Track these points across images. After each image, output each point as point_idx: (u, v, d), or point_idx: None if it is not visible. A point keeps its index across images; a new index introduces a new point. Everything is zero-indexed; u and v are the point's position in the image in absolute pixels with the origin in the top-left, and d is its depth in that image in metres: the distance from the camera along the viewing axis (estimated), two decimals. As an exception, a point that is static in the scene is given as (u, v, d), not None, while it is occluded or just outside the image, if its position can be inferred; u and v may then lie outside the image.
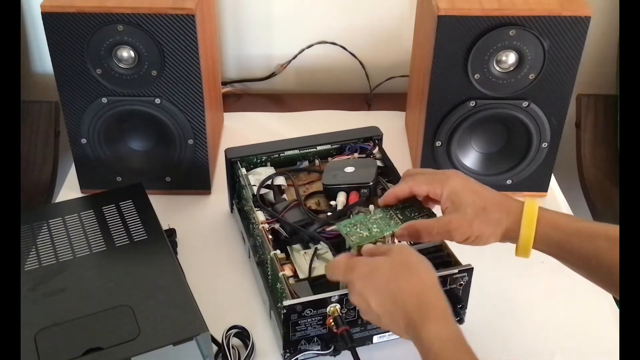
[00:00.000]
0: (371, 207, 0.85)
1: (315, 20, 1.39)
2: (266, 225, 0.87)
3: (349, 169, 0.93)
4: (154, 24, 0.95)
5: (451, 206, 0.75)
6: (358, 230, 0.79)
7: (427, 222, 0.76)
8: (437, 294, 0.66)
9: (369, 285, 0.68)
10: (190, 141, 1.05)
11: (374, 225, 0.80)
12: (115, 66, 0.98)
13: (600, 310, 0.91)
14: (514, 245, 0.76)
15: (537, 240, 0.72)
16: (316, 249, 0.85)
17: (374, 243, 0.77)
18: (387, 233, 0.78)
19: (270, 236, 0.86)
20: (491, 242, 0.75)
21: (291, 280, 0.81)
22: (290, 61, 1.42)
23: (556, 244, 0.72)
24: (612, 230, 0.70)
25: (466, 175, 0.78)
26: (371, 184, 0.90)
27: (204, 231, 1.04)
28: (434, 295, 0.66)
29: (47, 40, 0.97)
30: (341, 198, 0.90)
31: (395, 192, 0.81)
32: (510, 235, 0.74)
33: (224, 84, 1.42)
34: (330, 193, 0.92)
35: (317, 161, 1.01)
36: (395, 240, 0.80)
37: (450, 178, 0.76)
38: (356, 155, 1.00)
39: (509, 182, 1.09)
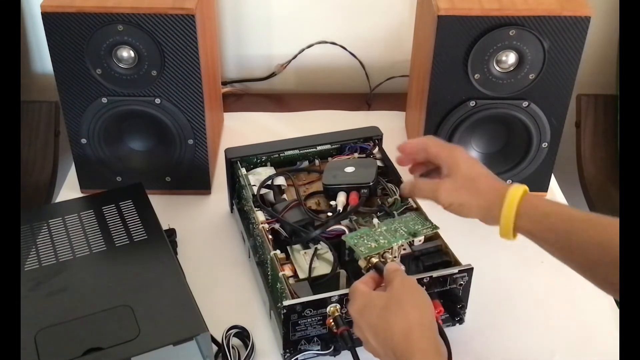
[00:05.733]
0: (375, 220, 0.85)
1: (315, 20, 1.39)
2: (266, 225, 0.87)
3: (349, 169, 0.93)
4: (154, 24, 0.95)
5: (448, 172, 0.80)
6: (365, 241, 0.80)
7: (423, 181, 0.83)
8: (423, 333, 0.66)
9: (363, 320, 0.70)
10: (190, 141, 1.05)
11: (380, 237, 0.81)
12: (115, 66, 0.98)
13: (600, 310, 0.91)
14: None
15: (518, 217, 0.74)
16: (316, 249, 0.85)
17: (382, 254, 0.79)
18: (395, 244, 0.80)
19: (270, 236, 0.86)
20: (473, 215, 0.79)
21: (291, 280, 0.81)
22: (290, 61, 1.42)
23: (535, 222, 0.74)
24: (591, 215, 0.72)
25: (474, 157, 0.83)
26: (371, 184, 0.90)
27: (204, 231, 1.04)
28: (418, 335, 0.66)
29: (47, 40, 0.97)
30: (341, 198, 0.90)
31: (411, 142, 0.86)
32: (493, 214, 0.76)
33: (224, 84, 1.42)
34: (330, 193, 0.92)
35: (317, 161, 1.01)
36: (401, 250, 0.81)
37: (458, 150, 0.82)
38: (356, 155, 1.00)
39: (509, 182, 1.09)
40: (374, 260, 0.78)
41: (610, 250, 0.66)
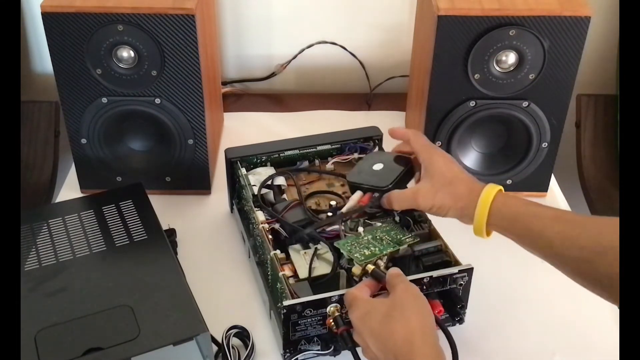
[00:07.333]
0: (360, 229, 0.85)
1: (315, 20, 1.39)
2: (266, 225, 0.87)
3: (378, 166, 0.90)
4: (154, 24, 0.95)
5: (426, 176, 0.82)
6: (358, 249, 0.81)
7: (401, 192, 0.84)
8: (425, 339, 0.68)
9: (365, 327, 0.71)
10: (190, 141, 1.05)
11: (370, 245, 0.82)
12: (115, 66, 0.98)
13: (600, 310, 0.91)
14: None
15: (491, 215, 0.77)
16: (316, 249, 0.85)
17: (375, 262, 0.79)
18: (386, 251, 0.81)
19: (270, 236, 0.86)
20: (450, 215, 0.81)
21: (291, 280, 0.81)
22: (290, 61, 1.42)
23: (506, 220, 0.77)
24: (559, 211, 0.75)
25: (452, 158, 0.84)
26: (385, 188, 0.86)
27: (204, 231, 1.04)
28: (420, 341, 0.67)
29: (47, 40, 0.97)
30: (355, 197, 0.88)
31: (400, 130, 0.89)
32: (468, 213, 0.79)
33: (224, 84, 1.42)
34: (352, 190, 0.90)
35: (317, 161, 1.01)
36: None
37: (437, 153, 0.84)
38: (376, 149, 0.99)
39: (509, 182, 1.09)
40: (370, 267, 0.78)
41: (576, 244, 0.69)
